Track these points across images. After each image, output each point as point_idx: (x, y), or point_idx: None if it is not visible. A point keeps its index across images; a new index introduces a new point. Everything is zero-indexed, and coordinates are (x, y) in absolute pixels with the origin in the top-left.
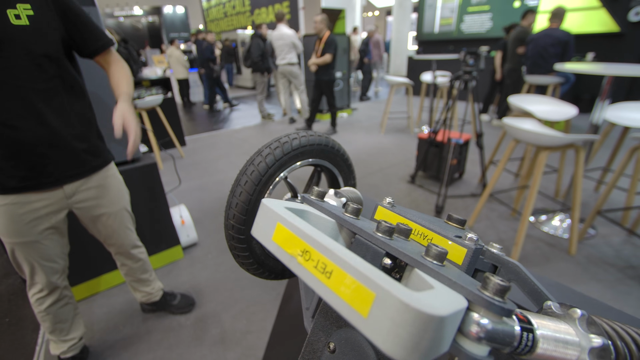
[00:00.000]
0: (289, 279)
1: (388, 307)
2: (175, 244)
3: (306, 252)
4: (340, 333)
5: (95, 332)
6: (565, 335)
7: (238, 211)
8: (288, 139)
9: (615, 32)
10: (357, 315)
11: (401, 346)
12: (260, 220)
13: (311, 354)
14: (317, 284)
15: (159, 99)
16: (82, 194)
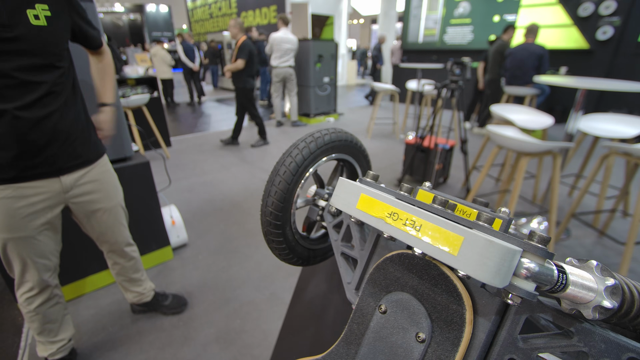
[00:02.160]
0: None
1: (475, 245)
2: (166, 244)
3: (394, 214)
4: (390, 297)
5: (83, 334)
6: (586, 279)
7: (277, 199)
8: (320, 135)
9: (585, 49)
10: (448, 255)
11: (487, 272)
12: (341, 193)
13: (361, 317)
14: (408, 237)
15: (145, 98)
16: (79, 188)
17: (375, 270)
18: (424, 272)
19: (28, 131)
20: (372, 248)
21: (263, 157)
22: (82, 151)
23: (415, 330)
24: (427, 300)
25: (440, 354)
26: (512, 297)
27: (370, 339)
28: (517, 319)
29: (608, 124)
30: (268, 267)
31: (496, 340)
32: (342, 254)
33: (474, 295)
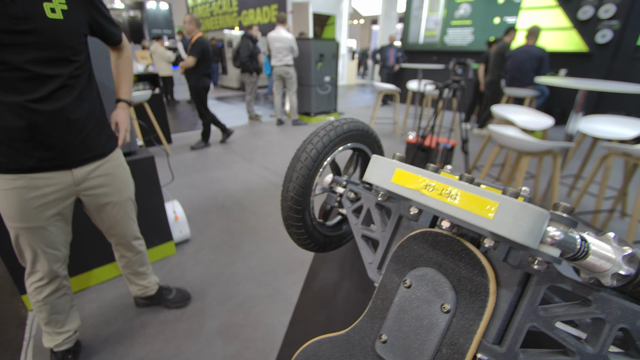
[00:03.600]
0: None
1: (510, 209)
2: (168, 239)
3: (429, 185)
4: (414, 272)
5: (87, 326)
6: (605, 249)
7: (298, 184)
8: (339, 123)
9: (585, 51)
10: (483, 220)
11: (522, 232)
12: (375, 169)
13: (385, 293)
14: (444, 205)
15: (147, 94)
16: (92, 181)
17: (399, 248)
18: (448, 247)
19: (42, 123)
20: (394, 229)
21: (264, 155)
22: (95, 144)
23: (441, 302)
24: (452, 274)
25: (464, 323)
26: (539, 262)
27: (395, 312)
28: (538, 290)
29: (607, 125)
30: (270, 263)
31: (518, 309)
32: (362, 236)
33: (496, 269)
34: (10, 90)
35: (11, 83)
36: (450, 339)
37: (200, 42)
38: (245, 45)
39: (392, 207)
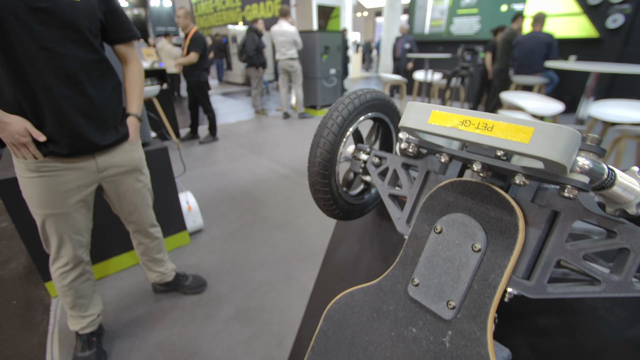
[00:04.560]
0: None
1: (546, 132)
2: (182, 229)
3: (466, 121)
4: (444, 218)
5: (109, 312)
6: (630, 180)
7: (325, 149)
8: (362, 92)
9: (595, 37)
10: (520, 145)
11: (557, 151)
12: (411, 114)
13: (416, 241)
14: (481, 137)
15: (156, 89)
16: (113, 169)
17: (429, 199)
18: (476, 193)
19: (66, 107)
20: (422, 183)
21: (272, 148)
22: (116, 131)
23: (471, 242)
24: (481, 216)
25: (495, 259)
26: (569, 190)
27: (426, 257)
28: (565, 225)
29: (619, 109)
30: (282, 251)
31: (546, 245)
32: (389, 196)
33: (524, 209)
34: (35, 71)
35: (35, 63)
36: (481, 275)
37: (199, 36)
38: (251, 39)
39: (419, 164)
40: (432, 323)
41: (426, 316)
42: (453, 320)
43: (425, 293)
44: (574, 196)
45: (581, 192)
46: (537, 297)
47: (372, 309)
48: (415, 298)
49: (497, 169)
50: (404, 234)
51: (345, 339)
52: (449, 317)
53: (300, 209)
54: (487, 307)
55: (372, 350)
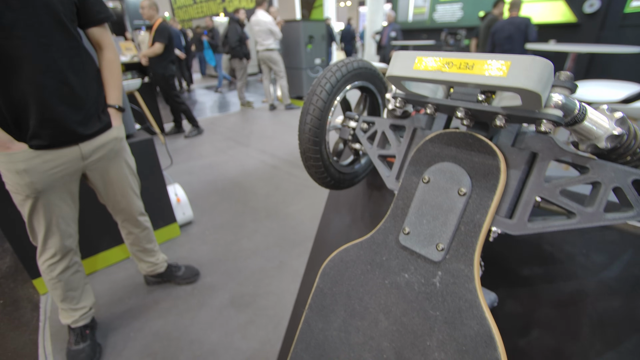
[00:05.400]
0: None
1: (521, 64)
2: (172, 221)
3: (449, 63)
4: (432, 168)
5: (100, 306)
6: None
7: (315, 115)
8: (349, 61)
9: (573, 22)
10: (499, 78)
11: (532, 80)
12: (397, 62)
13: (405, 192)
14: (464, 76)
15: (137, 83)
16: (97, 154)
17: (416, 153)
18: (461, 141)
19: (44, 96)
20: (409, 140)
21: (259, 139)
22: (97, 120)
23: (457, 187)
24: (466, 163)
25: (480, 201)
26: (545, 124)
27: (416, 207)
28: (542, 165)
29: (596, 89)
30: (275, 239)
31: (526, 184)
32: (379, 157)
33: (505, 152)
34: (14, 59)
35: (14, 51)
36: (467, 217)
37: (165, 27)
38: (233, 29)
39: (405, 123)
40: (422, 267)
41: (417, 261)
42: (442, 261)
43: (416, 240)
44: (550, 130)
45: (557, 126)
46: (519, 233)
47: (366, 262)
48: (406, 246)
49: (479, 115)
50: (394, 189)
51: (341, 294)
52: (438, 259)
53: (291, 198)
54: (474, 245)
55: (367, 300)
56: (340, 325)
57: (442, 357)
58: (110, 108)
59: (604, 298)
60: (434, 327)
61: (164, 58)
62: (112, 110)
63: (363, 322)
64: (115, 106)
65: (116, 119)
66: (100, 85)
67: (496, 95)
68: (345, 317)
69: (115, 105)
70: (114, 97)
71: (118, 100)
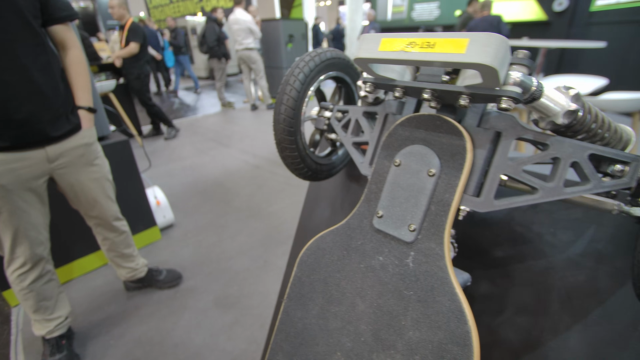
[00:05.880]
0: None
1: (478, 40)
2: (152, 224)
3: (412, 43)
4: (402, 151)
5: (77, 315)
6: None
7: (289, 105)
8: (322, 51)
9: (544, 20)
10: (458, 55)
11: (488, 55)
12: (364, 45)
13: (378, 176)
14: (426, 55)
15: (111, 84)
16: (64, 158)
17: (387, 137)
18: (429, 124)
19: (12, 95)
20: (381, 126)
21: (241, 139)
22: (66, 121)
23: (427, 168)
24: (434, 144)
25: (448, 180)
26: (505, 101)
27: (388, 190)
28: (506, 144)
29: (567, 82)
30: (259, 238)
31: (491, 163)
32: (353, 144)
33: (471, 133)
34: None
35: None
36: (437, 197)
37: (138, 26)
38: (211, 29)
39: (377, 109)
40: (396, 248)
41: (391, 243)
42: (414, 241)
43: (389, 222)
44: (510, 106)
45: (516, 103)
46: (486, 210)
47: (342, 248)
48: (380, 229)
49: (445, 97)
50: (367, 175)
51: (318, 281)
52: (411, 240)
53: (275, 197)
54: (443, 224)
55: (344, 285)
56: (318, 313)
57: (417, 335)
58: (80, 110)
59: (571, 274)
60: (408, 307)
61: (139, 58)
62: (82, 112)
63: (341, 308)
64: (85, 107)
65: (86, 121)
66: (67, 85)
67: (459, 76)
68: (323, 304)
69: (85, 106)
70: (84, 98)
71: (88, 102)
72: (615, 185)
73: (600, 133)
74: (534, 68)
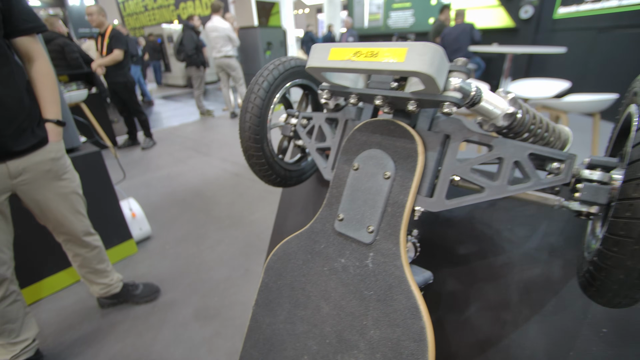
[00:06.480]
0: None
1: (415, 50)
2: (128, 238)
3: (357, 53)
4: (360, 156)
5: (47, 336)
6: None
7: (254, 113)
8: (287, 59)
9: (512, 27)
10: (397, 63)
11: (424, 63)
12: (314, 54)
13: (338, 181)
14: (369, 63)
15: (83, 94)
16: (28, 174)
17: (346, 142)
18: (384, 129)
19: None
20: (342, 132)
21: (220, 147)
22: (31, 135)
23: (383, 171)
24: (389, 148)
25: (402, 182)
26: (447, 106)
27: (348, 193)
28: (455, 146)
29: (533, 87)
30: (240, 247)
31: (442, 164)
32: (317, 150)
33: (422, 136)
34: None
35: None
36: (393, 198)
37: (120, 33)
38: (189, 37)
39: (338, 115)
40: (356, 250)
41: (351, 245)
42: (373, 242)
43: (349, 225)
44: (452, 111)
45: (458, 108)
46: (439, 209)
47: (307, 252)
48: (341, 232)
49: (396, 103)
50: (329, 179)
51: (285, 286)
52: (369, 241)
53: (256, 204)
54: (399, 224)
55: (310, 288)
56: (286, 317)
57: (378, 333)
58: (47, 123)
59: (528, 267)
60: (369, 307)
61: (123, 65)
62: (50, 125)
63: (306, 311)
64: (53, 120)
65: (54, 134)
66: (33, 98)
67: (407, 83)
68: (290, 309)
69: (53, 119)
70: (51, 110)
71: (56, 114)
72: (553, 181)
73: (540, 133)
74: (471, 74)
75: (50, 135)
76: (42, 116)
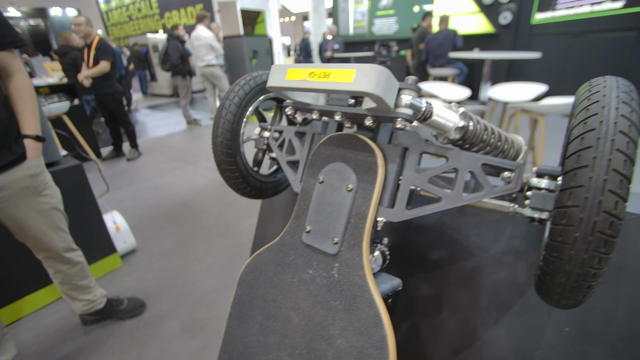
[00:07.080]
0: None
1: (362, 71)
2: (112, 252)
3: (312, 73)
4: (325, 169)
5: (27, 357)
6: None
7: (225, 128)
8: (258, 74)
9: (492, 32)
10: (346, 84)
11: (370, 84)
12: (274, 74)
13: (305, 193)
14: (322, 84)
15: (64, 106)
16: (6, 191)
17: (312, 156)
18: (347, 142)
19: None
20: (309, 145)
21: (208, 157)
22: (8, 152)
23: (346, 184)
24: (351, 161)
25: (364, 194)
26: (399, 121)
27: (314, 206)
28: (413, 159)
29: (512, 91)
30: (227, 257)
31: (402, 177)
32: (287, 163)
33: (383, 149)
34: None
35: None
36: (355, 210)
37: (107, 44)
38: (174, 46)
39: (306, 129)
40: (323, 261)
41: (318, 256)
42: (338, 253)
43: (316, 237)
44: (404, 126)
45: (410, 123)
46: (399, 219)
47: (277, 264)
48: (308, 243)
49: (355, 118)
50: (298, 191)
51: (257, 298)
52: (335, 252)
53: (244, 213)
54: (362, 235)
55: (280, 300)
56: (258, 329)
57: (344, 342)
58: (26, 139)
59: (495, 270)
60: (335, 316)
61: (111, 76)
62: (28, 141)
63: (277, 323)
64: (31, 136)
65: (33, 150)
66: (11, 114)
67: (364, 100)
68: (262, 321)
69: (32, 135)
70: (30, 126)
71: (35, 130)
72: (504, 190)
73: (493, 143)
74: (420, 91)
75: (28, 152)
76: (20, 132)
